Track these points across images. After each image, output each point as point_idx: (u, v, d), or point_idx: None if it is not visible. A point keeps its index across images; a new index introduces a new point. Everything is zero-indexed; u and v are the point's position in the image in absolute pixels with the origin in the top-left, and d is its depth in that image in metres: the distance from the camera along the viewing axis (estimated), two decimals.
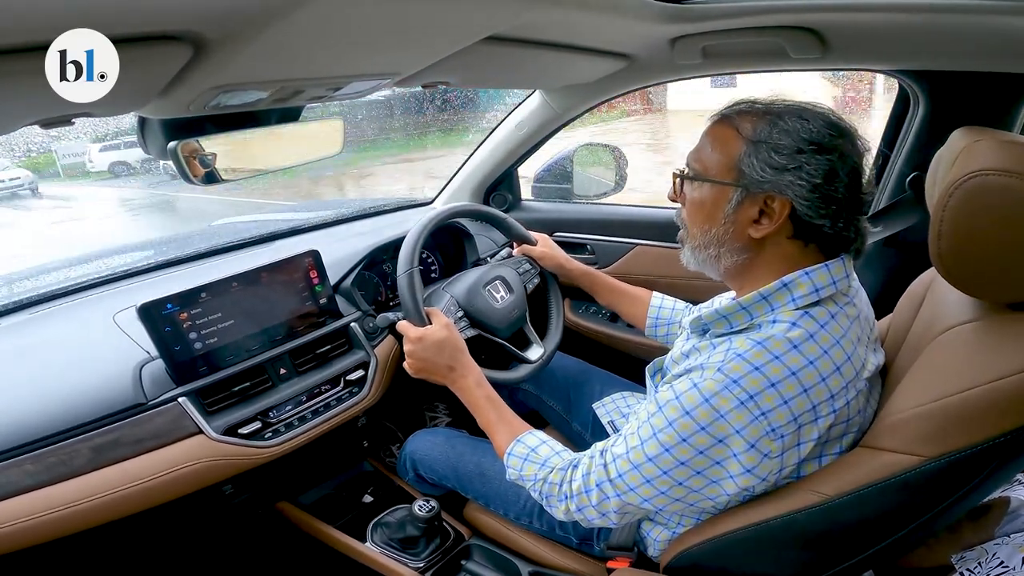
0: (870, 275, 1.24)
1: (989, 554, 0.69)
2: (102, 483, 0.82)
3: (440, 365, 0.94)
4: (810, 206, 0.66)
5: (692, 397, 0.65)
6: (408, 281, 0.99)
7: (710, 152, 0.72)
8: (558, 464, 0.80)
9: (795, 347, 0.64)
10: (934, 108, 1.10)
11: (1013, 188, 0.55)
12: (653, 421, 0.69)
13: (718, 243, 0.72)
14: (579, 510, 0.77)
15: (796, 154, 0.65)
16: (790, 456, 0.66)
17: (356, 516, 1.16)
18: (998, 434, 0.56)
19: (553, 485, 0.79)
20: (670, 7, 0.84)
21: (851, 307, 0.70)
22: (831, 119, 0.68)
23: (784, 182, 0.66)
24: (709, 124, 0.74)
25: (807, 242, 0.69)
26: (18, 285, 1.19)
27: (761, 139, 0.67)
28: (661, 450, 0.67)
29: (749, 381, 0.63)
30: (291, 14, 0.49)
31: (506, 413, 0.90)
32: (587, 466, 0.76)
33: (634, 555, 0.88)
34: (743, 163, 0.68)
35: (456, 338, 0.96)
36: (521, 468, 0.83)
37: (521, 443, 0.85)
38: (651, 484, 0.69)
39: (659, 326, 1.13)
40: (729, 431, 0.64)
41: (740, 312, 0.70)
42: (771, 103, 0.70)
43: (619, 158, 1.63)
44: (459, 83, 1.07)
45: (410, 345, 0.95)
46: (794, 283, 0.68)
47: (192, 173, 0.72)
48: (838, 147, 0.66)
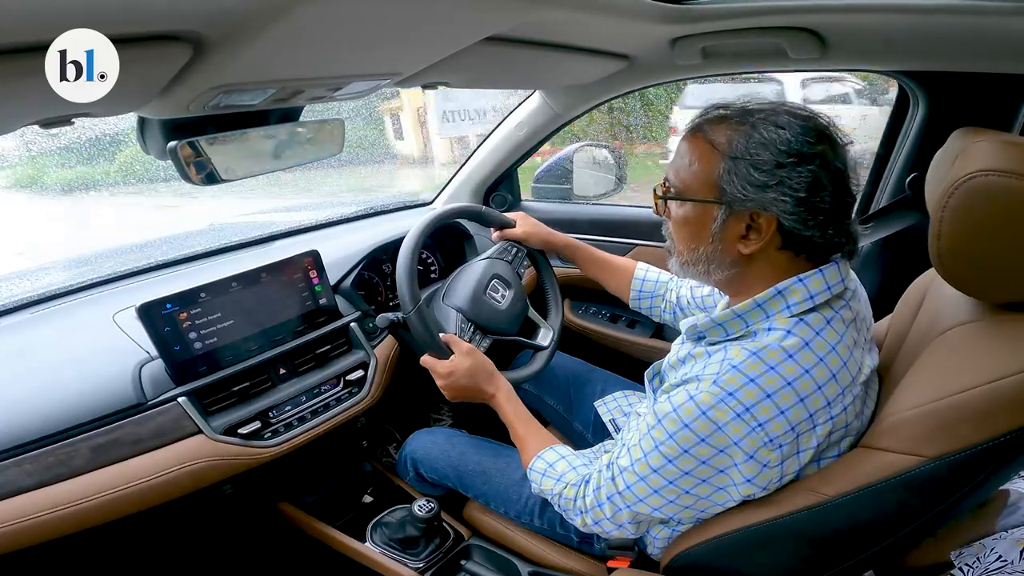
0: (869, 275, 1.24)
1: (987, 549, 0.69)
2: (101, 483, 0.82)
3: (475, 390, 0.97)
4: (797, 219, 0.65)
5: (689, 409, 0.65)
6: (419, 317, 0.98)
7: (688, 168, 0.70)
8: (572, 480, 0.83)
9: (790, 356, 0.64)
10: (934, 109, 1.10)
11: (1013, 188, 0.55)
12: (654, 434, 0.69)
13: (707, 260, 0.72)
14: (596, 523, 0.79)
15: (776, 168, 0.63)
16: (790, 464, 0.66)
17: (356, 516, 1.16)
18: (998, 434, 0.56)
19: (569, 500, 0.82)
20: (670, 8, 0.84)
21: (847, 310, 0.69)
22: (807, 124, 0.65)
23: (767, 199, 0.64)
24: (684, 135, 0.72)
25: (797, 252, 0.68)
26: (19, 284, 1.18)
27: (738, 155, 0.65)
28: (664, 462, 0.68)
29: (744, 393, 0.63)
30: (291, 14, 0.49)
31: (532, 426, 0.94)
32: (597, 480, 0.78)
33: (634, 554, 0.88)
34: (723, 181, 0.66)
35: (482, 361, 0.98)
36: (540, 483, 0.87)
37: (541, 459, 0.87)
38: (659, 494, 0.70)
39: (642, 298, 1.13)
40: (728, 442, 0.64)
41: (735, 320, 0.70)
42: (744, 109, 0.68)
43: (619, 158, 1.63)
44: (459, 83, 1.07)
45: (442, 380, 0.97)
46: (788, 290, 0.67)
47: (191, 173, 0.72)
48: (819, 154, 0.63)
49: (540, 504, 0.98)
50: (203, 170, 0.73)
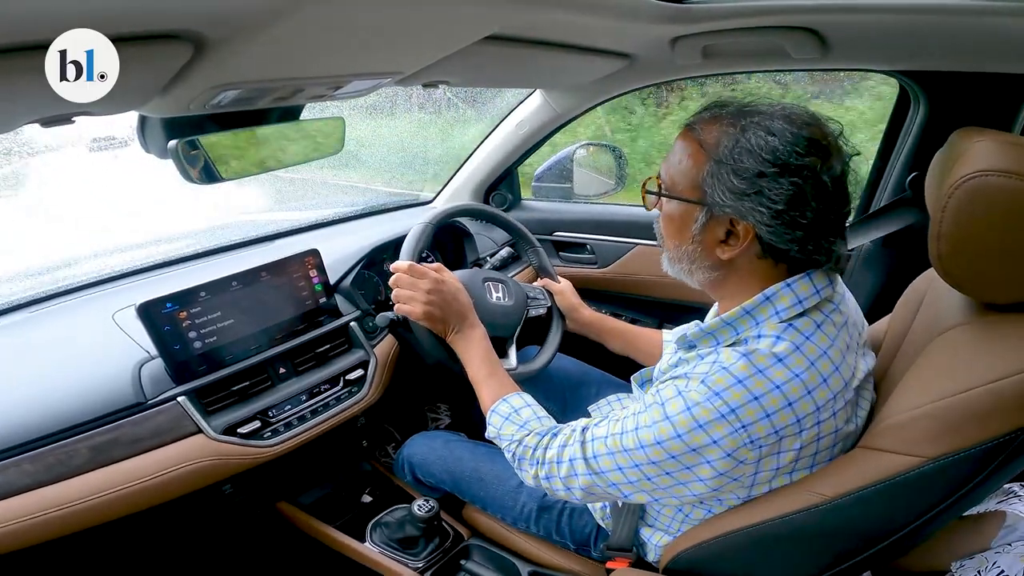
0: (869, 275, 1.24)
1: (989, 563, 0.68)
2: (101, 483, 0.82)
3: (454, 312, 0.93)
4: (773, 231, 0.64)
5: (675, 404, 0.65)
6: (421, 229, 0.98)
7: (677, 166, 0.70)
8: (536, 428, 0.81)
9: (780, 360, 0.63)
10: (934, 108, 1.10)
11: (1013, 189, 0.55)
12: (639, 418, 0.69)
13: (689, 260, 0.72)
14: (547, 478, 0.77)
15: (756, 178, 0.62)
16: (767, 462, 0.65)
17: (355, 516, 1.15)
18: (998, 435, 0.56)
19: (527, 448, 0.80)
20: (670, 7, 0.84)
21: (837, 314, 0.69)
22: (803, 133, 0.62)
23: (745, 208, 0.63)
24: (680, 131, 0.72)
25: (777, 261, 0.67)
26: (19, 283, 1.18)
27: (722, 159, 0.64)
28: (637, 445, 0.68)
29: (731, 394, 0.62)
30: (292, 13, 0.49)
31: (499, 371, 0.91)
32: (566, 438, 0.77)
33: (633, 556, 0.88)
34: (706, 183, 0.66)
35: (468, 297, 0.96)
36: (501, 427, 0.84)
37: (506, 402, 0.86)
38: (621, 472, 0.70)
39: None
40: (706, 441, 0.63)
41: (725, 328, 0.70)
42: (740, 109, 0.66)
43: (619, 158, 1.63)
44: (459, 82, 1.07)
45: (429, 283, 0.92)
46: (776, 296, 0.67)
47: (191, 172, 0.72)
48: (806, 166, 0.61)
49: (536, 510, 0.98)
50: (203, 168, 0.73)
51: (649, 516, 0.85)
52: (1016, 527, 0.72)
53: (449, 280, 0.95)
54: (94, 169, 2.73)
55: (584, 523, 0.95)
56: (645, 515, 0.86)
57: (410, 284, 0.93)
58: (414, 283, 0.93)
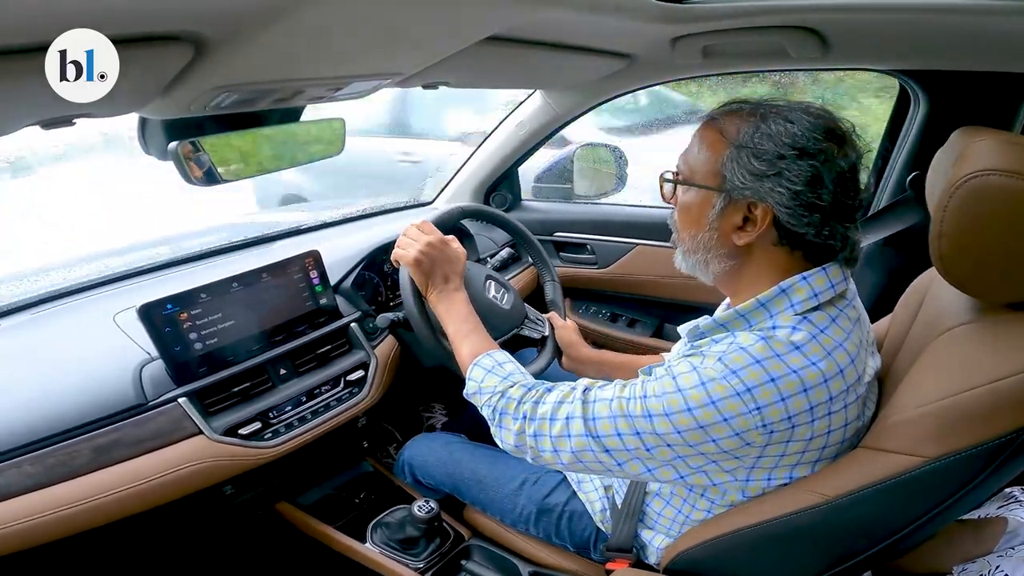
0: (870, 275, 1.24)
1: (992, 567, 0.68)
2: (102, 484, 0.82)
3: (442, 272, 0.93)
4: (792, 213, 0.64)
5: (689, 378, 0.64)
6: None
7: (696, 155, 0.71)
8: (522, 380, 0.78)
9: (797, 348, 0.63)
10: (934, 108, 1.10)
11: (1014, 188, 0.55)
12: (648, 386, 0.67)
13: (705, 249, 0.72)
14: (535, 435, 0.73)
15: (777, 160, 0.63)
16: (774, 448, 0.65)
17: (356, 517, 1.15)
18: (999, 434, 0.56)
19: (511, 401, 0.76)
20: (670, 7, 0.84)
21: (851, 309, 0.69)
22: (820, 122, 0.64)
23: (764, 189, 0.64)
24: (700, 124, 0.73)
25: (792, 249, 0.68)
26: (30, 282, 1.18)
27: (743, 143, 0.65)
28: (644, 413, 0.66)
29: (748, 373, 0.62)
30: (292, 15, 0.49)
31: (481, 330, 0.89)
32: (563, 395, 0.73)
33: (632, 557, 0.88)
34: (725, 168, 0.67)
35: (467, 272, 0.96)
36: (483, 379, 0.80)
37: (490, 356, 0.83)
38: (620, 438, 0.67)
39: None
40: (717, 419, 0.62)
41: (738, 319, 0.69)
42: (760, 103, 0.68)
43: (619, 158, 1.63)
44: (459, 83, 1.07)
45: (431, 239, 0.93)
46: (792, 288, 0.67)
47: (192, 173, 0.72)
48: (823, 150, 0.63)
49: (535, 513, 0.97)
50: (204, 170, 0.73)
51: (649, 518, 0.85)
52: (1018, 532, 0.72)
53: (453, 246, 0.96)
54: (94, 170, 2.74)
55: (583, 526, 0.94)
56: (645, 517, 0.86)
57: (415, 235, 0.95)
58: (419, 235, 0.95)
